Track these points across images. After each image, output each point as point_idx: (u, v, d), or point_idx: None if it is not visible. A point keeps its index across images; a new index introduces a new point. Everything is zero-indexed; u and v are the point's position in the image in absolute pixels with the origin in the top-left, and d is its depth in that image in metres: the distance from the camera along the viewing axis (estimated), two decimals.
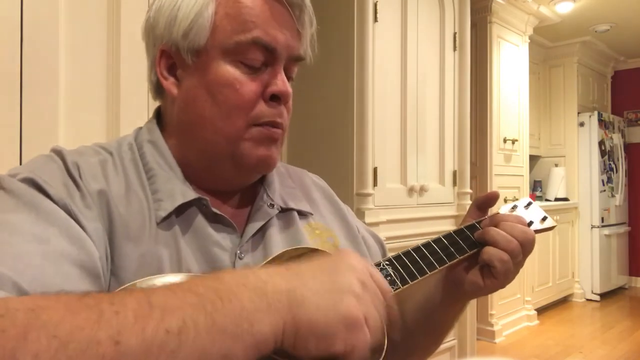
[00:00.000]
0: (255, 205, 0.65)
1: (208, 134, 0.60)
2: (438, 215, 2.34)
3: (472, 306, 2.61)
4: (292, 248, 0.59)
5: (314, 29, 0.65)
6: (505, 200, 3.27)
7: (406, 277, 0.60)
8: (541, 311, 3.97)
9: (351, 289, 0.43)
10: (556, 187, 4.48)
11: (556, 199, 4.43)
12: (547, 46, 4.54)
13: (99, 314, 0.35)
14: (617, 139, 4.81)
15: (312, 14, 0.64)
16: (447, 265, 0.64)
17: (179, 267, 0.55)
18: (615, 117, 4.90)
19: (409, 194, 2.22)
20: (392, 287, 0.58)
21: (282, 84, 0.60)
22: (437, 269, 0.63)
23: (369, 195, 1.99)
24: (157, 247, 0.55)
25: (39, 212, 0.49)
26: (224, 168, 0.62)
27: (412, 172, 2.22)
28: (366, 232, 0.79)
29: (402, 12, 2.19)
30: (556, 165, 4.62)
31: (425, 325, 0.73)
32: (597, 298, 4.46)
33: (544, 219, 0.75)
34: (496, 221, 0.67)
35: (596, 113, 4.51)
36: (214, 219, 0.60)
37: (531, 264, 3.83)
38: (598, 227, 4.47)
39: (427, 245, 0.65)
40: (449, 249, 0.65)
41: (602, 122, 4.56)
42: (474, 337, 2.54)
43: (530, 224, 0.69)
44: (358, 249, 0.73)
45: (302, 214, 0.69)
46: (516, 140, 3.56)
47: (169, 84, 0.62)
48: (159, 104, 0.68)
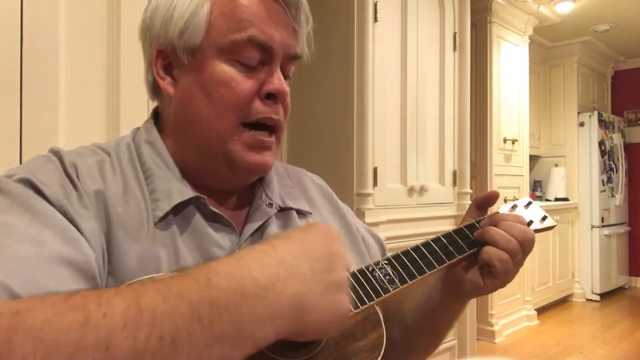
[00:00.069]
0: (254, 204, 0.65)
1: (204, 132, 0.59)
2: (438, 215, 2.34)
3: (472, 306, 2.61)
4: None
5: (310, 27, 0.65)
6: (505, 200, 3.27)
7: (405, 276, 0.60)
8: (541, 311, 3.97)
9: (344, 285, 0.46)
10: (556, 187, 4.48)
11: (556, 199, 4.43)
12: (547, 46, 4.54)
13: (86, 315, 0.34)
14: (617, 139, 4.81)
15: (309, 12, 0.64)
16: (446, 264, 0.64)
17: (177, 266, 0.54)
18: (615, 117, 4.90)
19: (409, 194, 2.22)
20: (391, 286, 0.58)
21: (279, 82, 0.60)
22: (436, 268, 0.63)
23: (369, 195, 1.99)
24: (155, 247, 0.54)
25: (34, 214, 0.49)
26: (219, 168, 0.61)
27: (412, 172, 2.22)
28: (365, 231, 0.79)
29: (402, 12, 2.19)
30: (556, 165, 4.62)
31: (425, 324, 0.73)
32: (597, 298, 4.46)
33: (543, 218, 0.75)
34: (495, 220, 0.67)
35: (596, 113, 4.51)
36: (213, 218, 0.60)
37: (531, 264, 3.83)
38: (598, 227, 4.47)
39: (426, 244, 0.64)
40: (448, 248, 0.65)
41: (602, 122, 4.56)
42: (474, 337, 2.54)
43: (530, 223, 0.69)
44: (357, 248, 0.73)
45: (301, 213, 0.69)
46: (516, 140, 3.56)
47: (166, 83, 0.62)
48: (157, 104, 0.68)
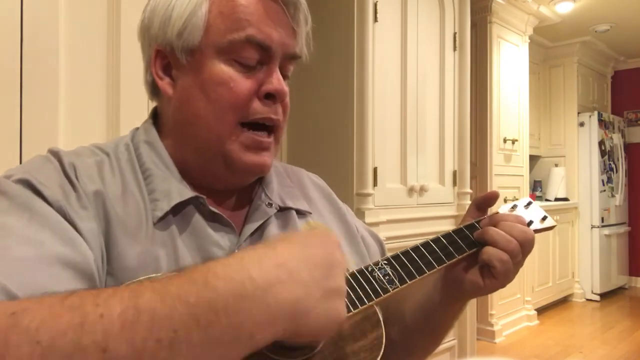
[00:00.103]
0: (254, 204, 0.65)
1: (202, 132, 0.59)
2: (438, 215, 2.34)
3: (472, 306, 2.61)
4: None
5: (309, 27, 0.65)
6: (505, 200, 3.27)
7: (404, 276, 0.60)
8: (541, 311, 3.97)
9: (341, 291, 0.45)
10: (556, 187, 4.48)
11: (556, 199, 4.43)
12: (547, 46, 4.54)
13: (83, 316, 0.34)
14: (617, 139, 4.81)
15: (307, 12, 0.64)
16: (445, 265, 0.64)
17: (176, 266, 0.54)
18: (615, 117, 4.90)
19: (409, 194, 2.22)
20: (391, 286, 0.58)
21: (278, 82, 0.60)
22: (435, 268, 0.63)
23: (369, 195, 1.99)
24: (154, 247, 0.54)
25: (32, 214, 0.49)
26: (217, 168, 0.61)
27: (412, 172, 2.22)
28: (365, 231, 0.79)
29: (402, 12, 2.19)
30: (556, 165, 4.62)
31: (425, 324, 0.73)
32: (597, 298, 4.46)
33: (543, 218, 0.75)
34: (495, 221, 0.67)
35: (596, 113, 4.51)
36: (212, 218, 0.60)
37: (531, 264, 3.83)
38: (598, 227, 4.46)
39: (425, 244, 0.64)
40: (447, 248, 0.65)
41: (602, 122, 4.56)
42: (474, 337, 2.54)
43: (530, 223, 0.69)
44: (357, 248, 0.73)
45: (301, 213, 0.69)
46: (516, 140, 3.56)
47: (165, 84, 0.62)
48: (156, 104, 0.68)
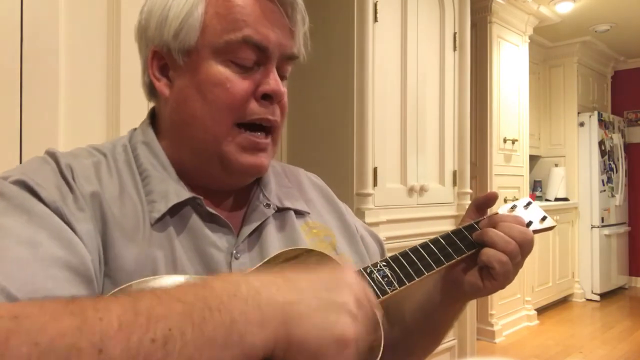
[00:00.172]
0: (251, 205, 0.65)
1: (199, 133, 0.59)
2: (438, 215, 2.34)
3: (472, 306, 2.61)
4: (288, 249, 0.59)
5: (306, 27, 0.65)
6: (505, 200, 3.27)
7: (403, 278, 0.60)
8: (541, 311, 3.97)
9: (348, 308, 0.42)
10: (556, 187, 4.48)
11: (556, 199, 4.43)
12: (547, 46, 4.54)
13: (83, 320, 0.34)
14: (617, 139, 4.81)
15: (305, 12, 0.64)
16: (444, 266, 0.64)
17: (174, 268, 0.54)
18: (615, 117, 4.90)
19: (409, 194, 2.22)
20: (389, 288, 0.58)
21: (275, 83, 0.60)
22: (434, 269, 0.63)
23: (369, 195, 1.99)
24: (152, 249, 0.54)
25: (30, 215, 0.49)
26: (214, 169, 0.61)
27: (412, 172, 2.22)
28: (365, 231, 0.79)
29: (402, 12, 2.19)
30: (556, 165, 4.62)
31: (425, 324, 0.73)
32: (597, 298, 4.46)
33: (543, 218, 0.74)
34: (494, 222, 0.67)
35: (596, 113, 4.51)
36: (210, 219, 0.60)
37: (531, 264, 3.83)
38: (598, 227, 4.46)
39: (424, 246, 0.64)
40: (446, 249, 0.65)
41: (602, 122, 4.56)
42: (474, 337, 2.54)
43: (529, 224, 0.69)
44: (356, 247, 0.73)
45: (299, 213, 0.69)
46: (516, 140, 3.56)
47: (161, 84, 0.62)
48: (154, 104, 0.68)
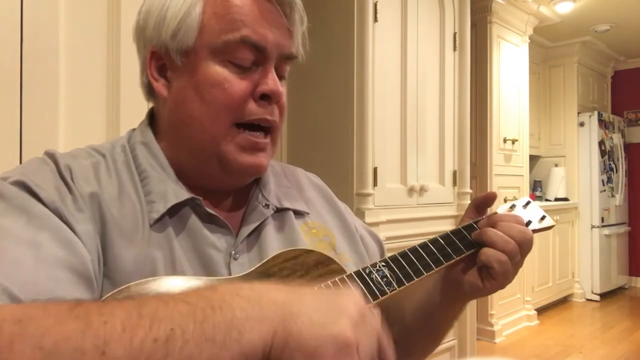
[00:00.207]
0: (250, 205, 0.65)
1: (197, 134, 0.59)
2: (438, 215, 2.34)
3: (472, 306, 2.61)
4: (287, 250, 0.59)
5: (305, 27, 0.65)
6: (505, 200, 3.27)
7: (402, 278, 0.60)
8: (541, 311, 3.97)
9: (348, 313, 0.41)
10: (556, 187, 4.48)
11: (556, 199, 4.43)
12: (547, 46, 4.54)
13: (87, 324, 0.35)
14: (617, 139, 4.81)
15: (303, 12, 0.64)
16: (443, 266, 0.64)
17: (173, 268, 0.54)
18: (615, 117, 4.90)
19: (409, 194, 2.22)
20: (388, 288, 0.58)
21: (273, 83, 0.60)
22: (433, 269, 0.63)
23: (369, 195, 1.99)
24: (151, 249, 0.54)
25: (30, 216, 0.49)
26: (213, 169, 0.61)
27: (412, 172, 2.22)
28: (364, 230, 0.79)
29: (402, 12, 2.19)
30: (556, 165, 4.62)
31: (425, 324, 0.73)
32: (597, 298, 4.46)
33: (542, 218, 0.74)
34: (493, 221, 0.67)
35: (596, 113, 4.51)
36: (208, 220, 0.60)
37: (531, 264, 3.83)
38: (598, 227, 4.46)
39: (424, 246, 0.64)
40: (445, 249, 0.65)
41: (602, 122, 4.56)
42: (474, 337, 2.54)
43: (528, 223, 0.69)
44: (355, 247, 0.73)
45: (298, 214, 0.68)
46: (516, 140, 3.56)
47: (160, 85, 0.62)
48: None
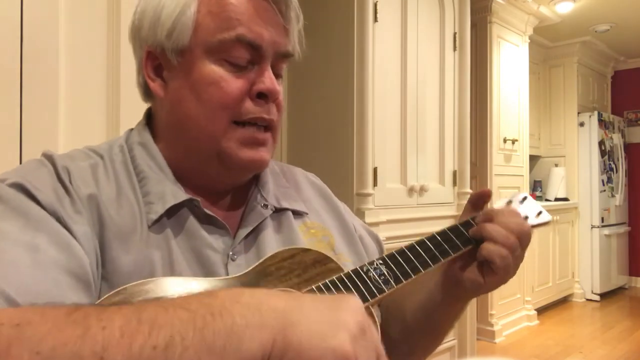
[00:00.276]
0: (249, 206, 0.65)
1: (194, 133, 0.59)
2: (438, 215, 2.34)
3: (472, 306, 2.61)
4: (284, 249, 0.58)
5: (301, 25, 0.65)
6: None
7: (400, 276, 0.59)
8: (541, 311, 3.97)
9: (348, 326, 0.40)
10: (556, 187, 4.48)
11: (556, 199, 4.43)
12: (547, 46, 4.54)
13: (85, 329, 0.34)
14: (617, 139, 4.81)
15: (299, 9, 0.63)
16: (441, 263, 0.64)
17: (171, 269, 0.54)
18: (615, 117, 4.90)
19: (409, 194, 2.22)
20: (386, 286, 0.58)
21: (269, 81, 0.59)
22: (431, 267, 0.62)
23: (369, 195, 1.99)
24: (149, 251, 0.54)
25: (27, 219, 0.49)
26: (212, 168, 0.61)
27: (412, 172, 2.22)
28: (363, 230, 0.79)
29: (402, 12, 2.19)
30: (556, 165, 4.62)
31: (426, 324, 0.72)
32: (597, 298, 4.46)
33: (539, 213, 0.74)
34: (491, 216, 0.66)
35: (596, 113, 4.51)
36: (206, 221, 0.59)
37: (531, 264, 3.83)
38: (598, 227, 4.47)
39: (421, 243, 0.64)
40: (442, 246, 0.65)
41: (602, 122, 4.56)
42: (474, 337, 2.54)
43: (525, 218, 0.68)
44: (355, 248, 0.72)
45: (297, 214, 0.68)
46: (516, 140, 3.56)
47: (156, 85, 0.62)
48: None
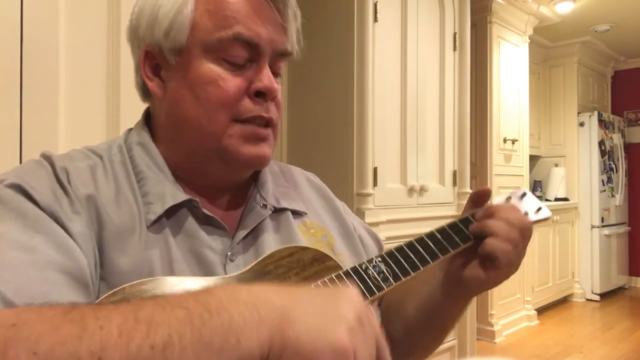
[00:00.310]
0: (248, 206, 0.64)
1: (194, 133, 0.59)
2: (438, 215, 2.34)
3: (472, 306, 2.61)
4: (283, 247, 0.58)
5: (299, 23, 0.64)
6: None
7: (399, 273, 0.59)
8: (541, 311, 3.97)
9: (345, 319, 0.40)
10: (556, 187, 4.48)
11: (556, 199, 4.43)
12: (547, 46, 4.54)
13: (83, 328, 0.34)
14: (617, 139, 4.81)
15: (296, 8, 0.63)
16: (440, 259, 0.63)
17: (170, 270, 0.54)
18: (615, 117, 4.90)
19: (409, 194, 2.22)
20: (385, 284, 0.58)
21: (268, 79, 0.59)
22: (430, 263, 0.62)
23: (369, 195, 1.99)
24: (148, 251, 0.54)
25: (25, 220, 0.49)
26: (213, 167, 0.61)
27: (412, 172, 2.22)
28: (363, 229, 0.78)
29: (402, 12, 2.19)
30: (556, 165, 4.62)
31: (428, 323, 0.72)
32: (597, 298, 4.46)
33: (538, 209, 0.74)
34: (491, 212, 0.66)
35: (596, 113, 4.51)
36: (205, 221, 0.59)
37: (531, 264, 3.83)
38: (598, 227, 4.47)
39: (420, 240, 0.64)
40: (441, 243, 0.64)
41: (602, 122, 4.56)
42: (474, 337, 2.54)
43: (525, 214, 0.68)
44: (354, 247, 0.72)
45: (296, 214, 0.68)
46: (516, 140, 3.56)
47: (154, 85, 0.61)
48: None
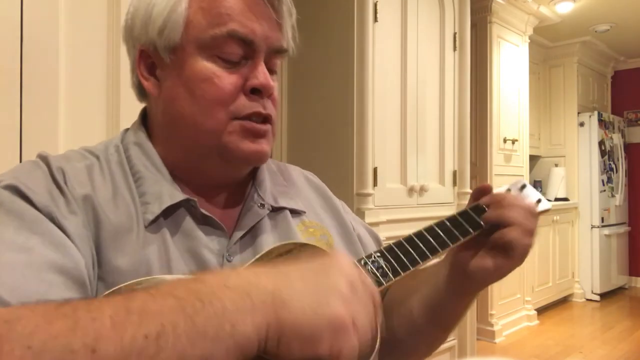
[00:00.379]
0: (246, 206, 0.64)
1: (190, 131, 0.59)
2: (438, 215, 2.32)
3: (472, 306, 2.61)
4: (280, 244, 0.57)
5: (294, 20, 0.64)
6: None
7: (398, 268, 0.59)
8: (541, 311, 3.97)
9: (339, 290, 0.41)
10: (556, 187, 4.48)
11: (556, 199, 4.43)
12: (547, 46, 4.54)
13: (75, 321, 0.34)
14: (617, 139, 4.81)
15: (291, 4, 0.63)
16: (439, 254, 0.63)
17: (167, 269, 0.54)
18: (615, 117, 4.90)
19: (409, 194, 2.22)
20: (384, 279, 0.57)
21: (263, 76, 0.59)
22: (429, 258, 0.62)
23: (369, 195, 1.99)
24: (145, 251, 0.54)
25: (22, 220, 0.49)
26: (211, 164, 0.61)
27: (412, 172, 2.22)
28: (362, 228, 0.78)
29: (402, 12, 2.19)
30: (556, 165, 4.62)
31: (432, 320, 0.71)
32: (597, 298, 4.46)
33: (538, 201, 0.73)
34: (497, 201, 0.66)
35: (596, 113, 4.51)
36: (203, 221, 0.59)
37: (531, 264, 3.83)
38: (598, 227, 4.46)
39: (419, 234, 0.63)
40: (441, 237, 0.64)
41: (602, 122, 4.56)
42: (474, 337, 2.54)
43: (535, 205, 0.68)
44: (353, 246, 0.72)
45: (295, 212, 0.68)
46: (516, 140, 3.56)
47: (150, 84, 0.61)
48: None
